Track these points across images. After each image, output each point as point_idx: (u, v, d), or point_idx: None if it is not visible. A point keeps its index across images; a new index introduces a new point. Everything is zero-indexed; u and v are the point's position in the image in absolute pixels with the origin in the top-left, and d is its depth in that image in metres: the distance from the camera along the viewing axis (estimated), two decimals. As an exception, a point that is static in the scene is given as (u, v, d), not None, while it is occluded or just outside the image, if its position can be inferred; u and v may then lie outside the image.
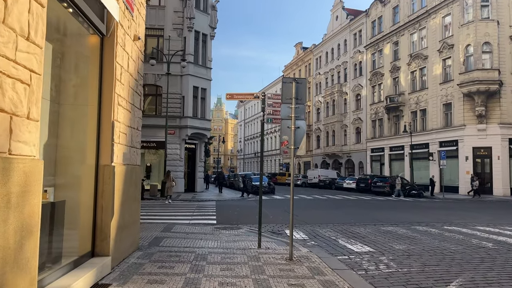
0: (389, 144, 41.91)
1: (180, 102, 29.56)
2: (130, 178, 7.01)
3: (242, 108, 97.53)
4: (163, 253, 7.46)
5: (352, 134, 49.33)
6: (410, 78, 39.27)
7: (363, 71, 47.65)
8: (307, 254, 7.90)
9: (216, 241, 9.11)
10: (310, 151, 59.48)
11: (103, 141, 5.97)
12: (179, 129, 29.38)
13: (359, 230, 11.69)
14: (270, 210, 17.54)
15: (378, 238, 10.17)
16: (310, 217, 15.00)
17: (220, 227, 11.58)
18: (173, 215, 14.89)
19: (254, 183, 31.34)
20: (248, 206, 19.48)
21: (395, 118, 41.21)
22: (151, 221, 12.69)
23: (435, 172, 33.99)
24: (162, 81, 28.62)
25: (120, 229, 6.36)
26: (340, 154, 51.11)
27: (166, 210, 16.65)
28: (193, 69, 29.59)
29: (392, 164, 42.00)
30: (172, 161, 28.93)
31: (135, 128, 7.49)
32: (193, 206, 18.78)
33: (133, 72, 7.20)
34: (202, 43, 30.47)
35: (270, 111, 8.59)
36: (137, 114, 7.58)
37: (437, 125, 35.09)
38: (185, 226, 11.50)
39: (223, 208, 18.25)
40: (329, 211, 17.57)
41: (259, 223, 8.80)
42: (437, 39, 35.71)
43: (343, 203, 22.88)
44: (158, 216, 14.35)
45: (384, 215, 15.95)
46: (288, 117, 7.43)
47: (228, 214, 15.77)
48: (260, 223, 8.80)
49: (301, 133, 7.46)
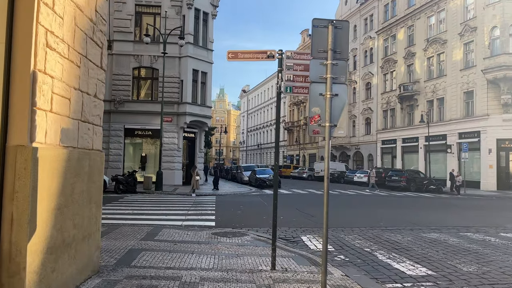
0: (401, 135, 39.30)
1: (178, 87, 27.02)
2: (79, 169, 4.54)
3: (245, 98, 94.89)
4: (132, 281, 5.01)
5: (361, 125, 46.72)
6: (426, 64, 36.53)
7: (374, 58, 44.91)
8: (343, 281, 5.44)
9: (213, 256, 6.65)
10: (316, 143, 56.93)
11: (15, 104, 3.48)
12: (177, 116, 26.87)
13: (395, 237, 9.21)
14: (279, 208, 15.06)
15: (428, 252, 7.68)
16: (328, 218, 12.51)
17: (219, 232, 9.12)
18: (163, 214, 12.44)
19: (259, 175, 28.93)
20: (254, 203, 17.02)
21: (409, 107, 38.55)
22: (133, 223, 10.25)
23: (454, 166, 31.42)
24: (159, 63, 26.04)
25: (52, 252, 3.90)
26: (348, 146, 48.58)
27: (157, 207, 14.22)
28: (192, 50, 26.99)
29: (404, 157, 39.42)
30: (168, 151, 26.48)
31: (91, 94, 4.99)
32: (189, 202, 16.35)
33: (83, 4, 4.67)
34: (202, 22, 27.83)
35: (290, 77, 6.05)
36: (94, 73, 5.08)
37: (456, 115, 32.43)
38: (175, 231, 9.05)
39: (224, 205, 15.80)
40: (348, 210, 15.09)
41: (273, 234, 6.31)
42: (457, 22, 32.91)
43: (360, 200, 20.39)
44: (145, 215, 11.91)
45: (416, 216, 13.45)
46: (320, 79, 4.93)
47: (230, 213, 13.30)
48: (274, 234, 6.31)
49: (340, 103, 4.97)
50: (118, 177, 20.19)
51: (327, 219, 4.90)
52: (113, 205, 14.19)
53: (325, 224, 4.90)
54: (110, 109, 26.46)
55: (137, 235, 8.31)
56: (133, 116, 26.48)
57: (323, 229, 4.91)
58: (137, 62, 26.87)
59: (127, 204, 14.87)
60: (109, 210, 12.67)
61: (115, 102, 26.37)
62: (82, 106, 4.69)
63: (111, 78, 26.60)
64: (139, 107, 26.80)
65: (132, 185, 20.50)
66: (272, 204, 6.29)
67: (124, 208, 13.36)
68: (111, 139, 26.36)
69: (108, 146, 26.31)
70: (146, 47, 26.88)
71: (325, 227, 4.89)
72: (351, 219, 12.48)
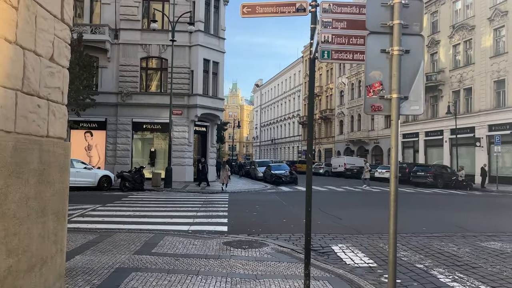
0: (424, 128, 37.15)
1: (189, 78, 25.48)
2: (17, 165, 2.96)
3: (258, 93, 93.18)
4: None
5: (380, 118, 44.52)
6: (452, 52, 34.27)
7: (394, 48, 42.66)
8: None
9: (225, 278, 5.05)
10: (332, 137, 55.03)
11: None
12: (187, 109, 25.36)
13: (449, 248, 7.48)
14: (299, 208, 13.43)
15: (503, 271, 5.94)
16: (358, 221, 10.83)
17: (232, 240, 7.53)
18: (169, 215, 10.90)
19: (274, 171, 27.25)
20: (270, 202, 15.38)
21: (433, 99, 36.36)
22: (132, 228, 8.73)
23: (483, 160, 29.29)
24: (168, 53, 24.54)
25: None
26: (367, 140, 46.55)
27: (163, 207, 12.70)
28: (203, 38, 25.39)
29: (428, 151, 37.29)
30: (179, 146, 25.02)
31: (44, 56, 3.41)
32: (199, 201, 14.81)
33: None
34: (214, 9, 26.18)
35: (327, 37, 4.38)
36: (48, 26, 3.48)
37: (486, 106, 30.20)
38: (179, 239, 7.48)
39: (238, 204, 14.19)
40: (379, 212, 13.33)
41: (307, 254, 4.64)
42: (486, 6, 30.59)
43: (387, 198, 18.58)
44: (147, 218, 10.38)
45: (461, 218, 11.64)
46: (382, 27, 3.26)
47: (244, 214, 11.68)
48: (308, 254, 4.64)
49: (413, 64, 3.30)
50: (123, 174, 18.78)
51: (395, 244, 3.25)
52: (114, 205, 12.72)
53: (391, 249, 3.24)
54: (117, 102, 25.11)
55: (131, 245, 6.77)
56: (141, 109, 25.07)
57: (389, 262, 3.25)
58: (145, 52, 25.40)
59: (131, 203, 13.40)
60: (108, 212, 11.20)
61: (122, 95, 24.99)
62: (24, 70, 3.10)
63: (118, 69, 25.22)
64: (147, 99, 25.36)
65: (139, 182, 19.08)
66: (305, 212, 4.61)
67: (126, 209, 11.88)
68: (119, 134, 25.01)
69: (115, 141, 24.99)
70: (154, 36, 25.41)
71: (392, 256, 3.23)
72: (385, 222, 10.76)
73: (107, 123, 25.07)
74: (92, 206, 12.22)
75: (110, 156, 24.98)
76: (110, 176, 19.36)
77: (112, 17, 25.11)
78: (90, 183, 18.44)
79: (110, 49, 24.90)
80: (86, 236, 7.53)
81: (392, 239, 3.21)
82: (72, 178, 18.08)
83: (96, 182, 18.59)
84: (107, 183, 19.07)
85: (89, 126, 24.90)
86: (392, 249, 3.19)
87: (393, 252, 3.21)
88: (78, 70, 19.43)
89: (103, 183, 18.90)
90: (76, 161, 18.66)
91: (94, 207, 12.07)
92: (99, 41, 24.33)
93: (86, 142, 25.14)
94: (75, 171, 17.80)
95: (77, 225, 9.00)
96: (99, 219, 9.98)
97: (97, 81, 25.25)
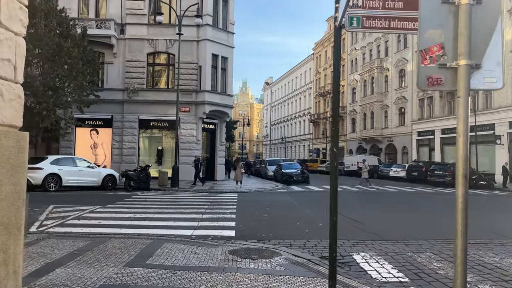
0: (441, 126, 35.79)
1: (197, 73, 24.66)
2: None
3: (268, 91, 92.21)
4: None
5: (394, 115, 43.32)
6: (469, 47, 32.87)
7: (408, 43, 41.38)
8: None
9: (228, 301, 4.15)
10: (344, 135, 53.82)
11: None
12: (195, 106, 24.54)
13: (490, 258, 6.49)
14: (313, 210, 12.50)
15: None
16: (379, 224, 9.85)
17: (240, 248, 6.63)
18: (172, 218, 10.04)
19: (285, 170, 26.31)
20: (281, 203, 14.45)
21: (450, 95, 34.97)
22: (129, 232, 7.90)
23: (503, 159, 27.97)
24: (175, 48, 23.71)
25: None
26: (380, 139, 45.28)
27: (167, 208, 11.86)
28: (211, 33, 24.55)
29: (444, 149, 35.93)
30: (186, 144, 24.23)
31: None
32: (206, 202, 13.96)
33: None
34: (222, 2, 25.32)
35: (357, 1, 3.44)
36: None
37: (506, 101, 28.83)
38: (179, 246, 6.61)
39: (247, 205, 13.30)
40: (401, 214, 12.31)
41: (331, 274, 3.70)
42: (507, -3, 29.23)
43: (406, 199, 17.55)
44: (148, 221, 9.54)
45: (492, 222, 10.59)
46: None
47: (254, 217, 10.76)
48: (333, 273, 3.70)
49: (488, 20, 2.34)
50: (128, 173, 18.03)
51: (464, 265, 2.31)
52: (114, 206, 11.93)
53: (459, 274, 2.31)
54: (124, 98, 24.42)
55: (124, 255, 5.92)
56: (148, 106, 24.33)
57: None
58: (151, 47, 24.65)
59: (133, 204, 12.60)
60: (106, 214, 10.39)
61: (128, 91, 24.28)
62: None
63: (124, 65, 24.52)
64: (154, 96, 24.61)
65: (144, 182, 18.33)
66: (329, 221, 3.69)
67: (126, 210, 11.07)
68: (125, 131, 24.30)
69: (121, 139, 24.30)
70: (161, 30, 24.66)
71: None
72: (410, 226, 9.79)
73: (113, 121, 24.39)
74: (91, 207, 11.44)
75: (116, 154, 24.29)
76: (114, 175, 18.63)
77: (118, 11, 24.40)
78: (93, 183, 17.74)
79: (116, 45, 24.20)
80: (76, 242, 6.71)
81: (461, 266, 2.26)
82: (75, 177, 17.44)
83: (100, 181, 17.87)
84: (112, 183, 18.35)
85: (95, 124, 24.25)
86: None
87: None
88: (81, 65, 18.74)
89: (108, 183, 18.19)
90: (79, 160, 17.97)
91: (93, 208, 11.28)
92: (104, 36, 23.65)
93: (91, 140, 24.49)
94: (77, 170, 17.13)
95: (70, 229, 8.20)
96: (96, 222, 9.17)
97: (102, 78, 24.60)
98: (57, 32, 18.90)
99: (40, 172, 15.88)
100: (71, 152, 23.48)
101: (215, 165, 25.95)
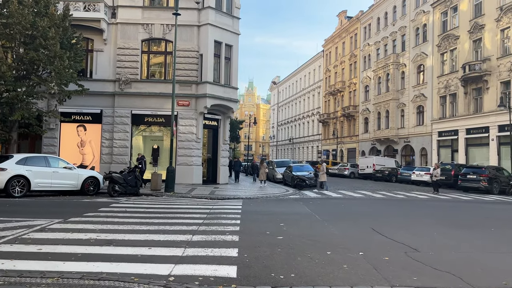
0: (465, 125, 32.66)
1: (197, 63, 21.85)
2: None
3: (275, 91, 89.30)
4: None
5: (411, 114, 40.20)
6: (499, 38, 29.79)
7: (428, 36, 38.32)
8: None
9: None
10: (356, 136, 50.78)
11: None
12: (196, 99, 21.71)
13: None
14: (341, 227, 9.54)
15: None
16: (447, 254, 6.85)
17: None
18: (149, 242, 7.11)
19: (296, 173, 23.39)
20: (298, 216, 11.46)
21: (476, 91, 31.91)
22: (70, 271, 4.97)
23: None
24: (173, 34, 20.91)
25: None
26: (396, 139, 42.15)
27: (148, 224, 8.92)
28: (214, 17, 21.72)
29: (469, 150, 32.78)
30: (185, 143, 21.42)
31: None
32: (203, 212, 11.06)
33: None
34: (226, -18, 22.51)
35: None
36: None
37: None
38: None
39: (254, 219, 10.35)
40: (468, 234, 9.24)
41: None
42: (545, -19, 26.15)
43: (446, 208, 14.52)
44: (114, 246, 6.62)
45: None
46: None
47: (265, 240, 7.71)
48: None
49: None
50: (112, 175, 15.21)
51: None
52: (79, 221, 9.03)
53: None
54: (114, 91, 21.67)
55: None
56: (142, 100, 21.56)
57: None
58: (146, 32, 21.87)
59: (106, 217, 9.71)
60: (59, 234, 7.49)
61: (120, 82, 21.53)
62: None
63: (115, 53, 21.77)
64: (149, 88, 21.82)
65: (132, 185, 15.54)
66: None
67: (92, 228, 8.17)
68: (116, 128, 21.53)
69: (112, 136, 21.54)
70: (157, 14, 21.91)
71: None
72: (498, 257, 6.83)
73: (103, 116, 21.65)
74: (47, 222, 8.58)
75: (106, 153, 21.53)
76: (98, 177, 15.81)
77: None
78: (71, 186, 14.93)
79: (106, 30, 21.46)
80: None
81: None
82: (47, 180, 14.45)
83: (79, 185, 15.06)
84: (94, 186, 15.54)
85: (82, 119, 21.53)
86: None
87: None
88: (59, 49, 15.98)
89: (89, 187, 15.39)
90: (53, 159, 15.18)
91: (48, 223, 8.42)
92: (93, 20, 20.91)
93: (78, 137, 21.75)
94: (51, 171, 14.32)
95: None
96: (33, 249, 6.28)
97: (91, 67, 21.88)
98: (34, 11, 16.22)
99: (2, 173, 13.11)
100: (54, 151, 20.78)
101: (217, 166, 23.08)
